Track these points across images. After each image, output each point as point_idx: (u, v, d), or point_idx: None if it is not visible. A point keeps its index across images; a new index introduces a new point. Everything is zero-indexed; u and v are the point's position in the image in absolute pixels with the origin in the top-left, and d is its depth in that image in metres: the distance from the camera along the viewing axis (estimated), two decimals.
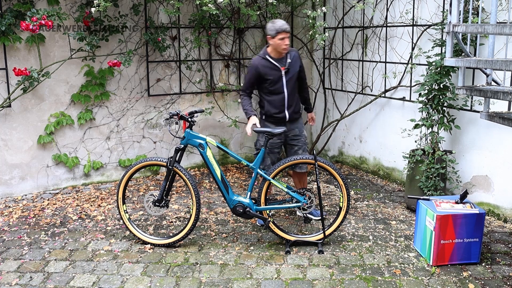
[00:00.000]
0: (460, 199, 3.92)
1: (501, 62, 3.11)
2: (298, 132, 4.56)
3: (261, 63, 4.35)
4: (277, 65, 4.34)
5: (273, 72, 4.34)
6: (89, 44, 5.26)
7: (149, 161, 4.14)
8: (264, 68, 4.34)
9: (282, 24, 4.21)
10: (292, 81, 4.42)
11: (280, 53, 4.34)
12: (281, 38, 4.20)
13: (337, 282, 3.58)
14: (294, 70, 4.41)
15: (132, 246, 4.21)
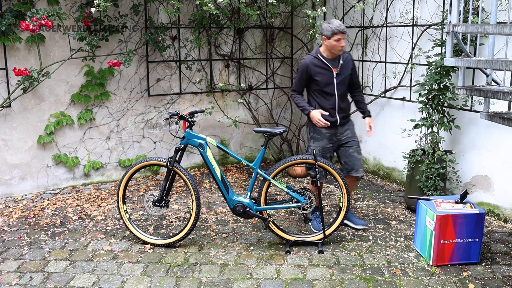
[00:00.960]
0: (460, 199, 3.92)
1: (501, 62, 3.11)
2: (351, 134, 4.37)
3: (313, 62, 4.20)
4: (328, 65, 4.19)
5: (324, 72, 4.19)
6: (89, 44, 5.26)
7: (149, 161, 4.14)
8: (314, 68, 4.19)
9: (338, 24, 4.05)
10: (343, 84, 4.27)
11: (333, 54, 4.20)
12: (337, 39, 4.06)
13: (337, 282, 3.58)
14: (346, 72, 4.27)
15: (132, 246, 4.21)
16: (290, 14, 6.72)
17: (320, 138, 4.31)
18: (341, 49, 4.14)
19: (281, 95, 6.95)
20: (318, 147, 4.29)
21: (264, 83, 6.80)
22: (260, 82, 6.78)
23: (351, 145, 4.35)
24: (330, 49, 4.15)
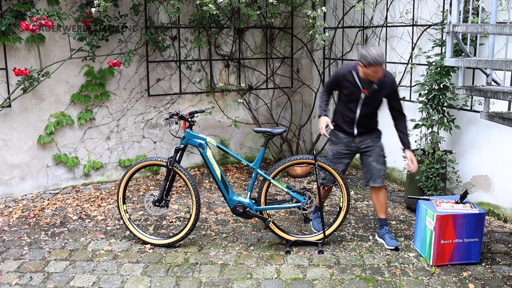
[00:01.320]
0: (460, 199, 3.92)
1: (501, 62, 3.11)
2: (371, 143, 4.14)
3: (345, 76, 4.00)
4: (359, 85, 3.96)
5: (353, 89, 3.98)
6: (89, 44, 5.26)
7: (149, 161, 4.14)
8: (344, 81, 4.01)
9: (375, 56, 3.71)
10: (371, 106, 4.04)
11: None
12: (374, 71, 3.79)
13: (337, 282, 3.58)
14: (378, 96, 4.00)
15: (132, 246, 4.21)
16: (290, 14, 6.72)
17: (337, 142, 4.21)
18: (377, 79, 3.87)
19: (281, 95, 6.95)
20: (333, 150, 4.20)
21: (264, 83, 6.80)
22: (260, 82, 6.78)
23: (370, 154, 4.15)
24: (364, 74, 3.91)
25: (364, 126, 4.11)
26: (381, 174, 4.16)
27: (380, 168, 4.15)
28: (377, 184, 4.15)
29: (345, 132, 4.15)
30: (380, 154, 4.16)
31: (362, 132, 4.12)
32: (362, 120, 4.07)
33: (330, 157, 4.20)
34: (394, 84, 4.03)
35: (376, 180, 4.15)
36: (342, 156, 4.20)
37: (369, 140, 4.14)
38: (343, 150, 4.18)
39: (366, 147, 4.16)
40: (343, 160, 4.20)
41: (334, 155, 4.19)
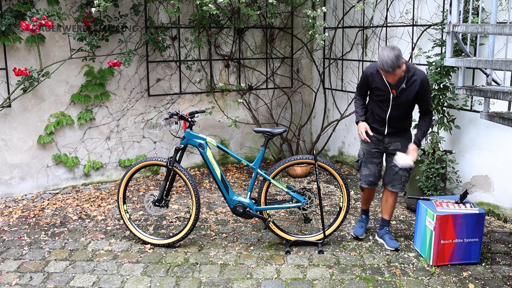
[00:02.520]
0: (460, 199, 3.92)
1: (501, 62, 3.11)
2: (400, 147, 4.00)
3: (373, 74, 3.91)
4: (387, 85, 3.85)
5: (382, 89, 3.89)
6: (89, 44, 5.26)
7: (149, 161, 4.14)
8: (373, 81, 3.92)
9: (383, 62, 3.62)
10: (401, 107, 3.90)
11: None
12: (385, 76, 3.76)
13: (337, 282, 3.58)
14: (407, 96, 3.84)
15: (132, 246, 4.21)
16: (290, 14, 6.71)
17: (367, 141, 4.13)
18: (394, 82, 3.77)
19: (281, 95, 6.95)
20: (363, 149, 4.13)
21: (264, 83, 6.80)
22: (260, 82, 6.78)
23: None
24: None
25: (396, 127, 4.00)
26: (402, 180, 4.08)
27: (403, 174, 4.06)
28: (395, 190, 4.10)
29: (375, 130, 4.05)
30: None
31: (392, 133, 4.01)
32: (394, 121, 3.97)
33: (362, 156, 4.15)
34: (425, 82, 3.82)
35: (396, 186, 4.09)
36: (372, 155, 4.11)
37: (398, 143, 4.02)
38: (372, 149, 4.09)
39: (394, 150, 4.03)
40: (373, 159, 4.11)
41: (365, 154, 4.13)
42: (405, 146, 4.00)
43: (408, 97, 3.85)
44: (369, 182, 4.14)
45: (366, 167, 4.13)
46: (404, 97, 3.85)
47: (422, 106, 3.96)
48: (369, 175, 4.13)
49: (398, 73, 3.68)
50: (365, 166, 4.14)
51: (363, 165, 4.14)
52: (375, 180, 4.17)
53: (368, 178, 4.14)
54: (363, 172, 4.15)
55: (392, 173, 4.07)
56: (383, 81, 3.85)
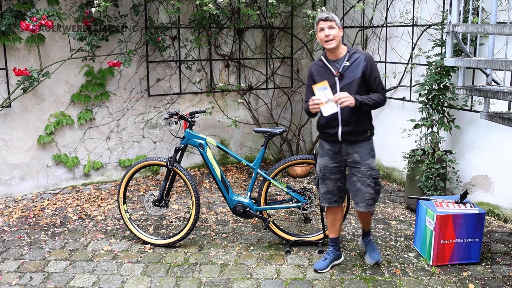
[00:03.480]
0: (460, 199, 3.92)
1: (501, 62, 3.11)
2: (359, 159, 3.53)
3: (315, 66, 3.59)
4: (329, 68, 3.49)
5: (326, 76, 3.48)
6: (89, 44, 5.26)
7: (149, 161, 4.14)
8: (317, 72, 3.56)
9: (320, 14, 3.49)
10: (351, 90, 3.42)
11: (334, 53, 3.49)
12: (320, 29, 3.41)
13: (337, 282, 3.58)
14: (353, 75, 3.45)
15: (132, 246, 4.21)
16: (290, 14, 6.71)
17: (322, 154, 3.66)
18: (328, 42, 3.39)
19: (281, 95, 6.95)
20: (319, 164, 3.67)
21: (264, 83, 6.80)
22: (260, 82, 6.78)
23: (355, 172, 3.56)
24: (324, 45, 3.47)
25: (351, 124, 3.49)
26: (366, 198, 3.55)
27: (367, 190, 3.54)
28: (360, 209, 3.62)
29: (329, 138, 3.56)
30: (367, 174, 3.53)
31: (348, 135, 3.50)
32: (347, 114, 3.47)
33: (318, 172, 3.67)
34: (369, 58, 3.48)
35: (359, 204, 3.60)
36: (330, 171, 3.62)
37: (356, 155, 3.54)
38: (330, 164, 3.61)
39: (352, 162, 3.57)
40: (331, 175, 3.62)
41: (321, 169, 3.64)
42: (364, 158, 3.54)
43: (355, 74, 3.44)
44: (329, 200, 3.68)
45: (323, 184, 3.66)
46: (350, 76, 3.45)
47: (373, 87, 3.50)
48: (327, 193, 3.67)
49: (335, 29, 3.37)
50: (322, 183, 3.66)
51: (321, 182, 3.67)
52: (336, 198, 3.69)
53: (327, 196, 3.68)
54: (320, 189, 3.69)
55: (354, 190, 3.59)
56: (324, 64, 3.51)
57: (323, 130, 3.60)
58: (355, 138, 3.53)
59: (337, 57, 3.50)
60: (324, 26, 3.39)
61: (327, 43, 3.41)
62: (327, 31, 3.38)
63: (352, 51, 3.50)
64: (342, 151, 3.56)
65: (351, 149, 3.54)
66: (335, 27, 3.40)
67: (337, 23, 3.41)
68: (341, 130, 3.49)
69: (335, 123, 3.50)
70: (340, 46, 3.49)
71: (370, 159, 3.58)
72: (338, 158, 3.59)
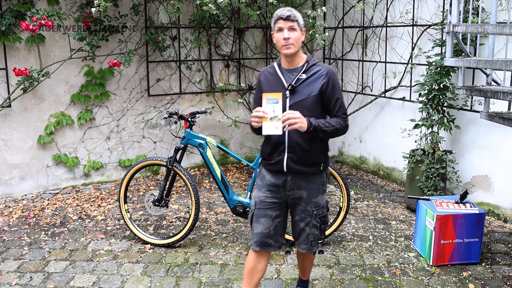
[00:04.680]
0: (460, 199, 3.92)
1: (501, 62, 3.11)
2: (305, 196, 2.88)
3: (264, 73, 2.94)
4: (280, 78, 2.84)
5: (275, 88, 2.83)
6: (89, 44, 5.26)
7: (150, 160, 4.15)
8: (266, 81, 2.90)
9: (279, 10, 2.81)
10: (302, 110, 2.75)
11: (291, 61, 2.84)
12: (278, 28, 2.79)
13: (337, 282, 3.58)
14: (307, 91, 2.79)
15: (132, 246, 4.21)
16: None
17: (260, 186, 2.93)
18: (287, 47, 2.77)
19: None
20: (255, 197, 2.92)
21: None
22: None
23: (299, 210, 2.91)
24: (280, 49, 2.82)
25: (301, 151, 2.81)
26: (310, 240, 2.94)
27: (310, 232, 2.93)
28: (302, 250, 2.99)
29: (272, 167, 2.87)
30: (313, 214, 2.91)
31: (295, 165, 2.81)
32: (295, 139, 2.79)
33: (253, 207, 2.92)
34: (333, 75, 2.84)
35: (301, 246, 2.98)
36: (267, 206, 2.89)
37: (303, 192, 2.87)
38: (268, 198, 2.88)
39: (297, 199, 2.90)
40: (268, 212, 2.88)
41: (257, 204, 2.90)
42: (313, 196, 2.90)
43: (310, 91, 2.79)
44: (261, 243, 2.87)
45: (257, 222, 2.89)
46: (304, 92, 2.78)
47: (333, 110, 2.84)
48: (261, 234, 2.87)
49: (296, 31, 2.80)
50: (256, 221, 2.90)
51: (255, 219, 2.91)
52: (271, 241, 2.90)
53: (260, 237, 2.87)
54: (254, 228, 2.91)
55: (297, 230, 2.97)
56: (275, 73, 2.87)
57: (266, 157, 2.90)
58: (304, 170, 2.84)
59: (293, 66, 2.86)
60: (284, 26, 2.77)
61: (285, 47, 2.78)
62: (286, 33, 2.76)
63: (312, 62, 2.87)
64: (287, 185, 2.85)
65: (297, 183, 2.85)
66: (297, 29, 2.80)
67: (300, 24, 2.83)
68: (286, 158, 2.81)
69: (280, 149, 2.82)
70: (299, 54, 2.85)
71: (320, 196, 2.93)
72: (280, 193, 2.88)
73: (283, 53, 2.81)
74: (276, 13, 2.81)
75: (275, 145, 2.83)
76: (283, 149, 2.82)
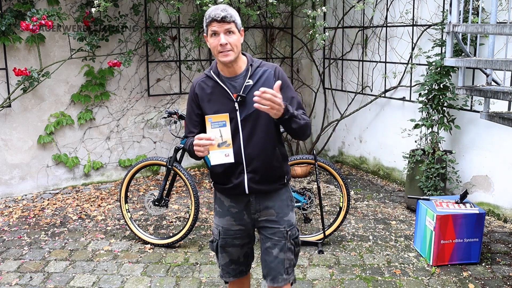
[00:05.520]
0: (460, 199, 3.92)
1: (501, 62, 3.11)
2: (275, 216, 2.49)
3: (200, 86, 2.45)
4: (224, 89, 2.39)
5: (220, 101, 2.40)
6: (89, 44, 5.26)
7: (150, 160, 4.15)
8: (203, 94, 2.43)
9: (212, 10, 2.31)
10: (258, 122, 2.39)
11: (231, 68, 2.38)
12: (213, 32, 2.31)
13: (337, 282, 3.58)
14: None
15: (132, 246, 4.21)
16: (290, 14, 6.71)
17: (221, 214, 2.56)
18: (225, 54, 2.30)
19: None
20: (218, 226, 2.56)
21: None
22: None
23: (270, 234, 2.49)
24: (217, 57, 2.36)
25: (261, 169, 2.42)
26: (286, 266, 2.49)
27: (285, 257, 2.49)
28: (279, 283, 2.50)
29: (231, 191, 2.48)
30: (287, 236, 2.49)
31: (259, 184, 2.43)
32: (253, 155, 2.41)
33: (216, 237, 2.58)
34: (279, 72, 2.45)
35: (278, 278, 2.49)
36: (233, 236, 2.54)
37: (272, 210, 2.49)
38: (233, 226, 2.53)
39: (266, 222, 2.50)
40: (235, 241, 2.55)
41: (221, 234, 2.55)
42: (284, 213, 2.50)
43: None
44: (234, 272, 2.63)
45: (225, 252, 2.58)
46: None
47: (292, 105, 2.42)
48: (231, 263, 2.61)
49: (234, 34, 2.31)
50: (223, 252, 2.58)
51: (221, 250, 2.58)
52: (243, 267, 2.65)
53: (230, 267, 2.61)
54: (221, 260, 2.61)
55: (269, 260, 2.50)
56: (217, 86, 2.41)
57: (220, 181, 2.51)
58: (269, 188, 2.47)
59: (234, 73, 2.41)
60: (219, 29, 2.28)
61: (222, 55, 2.30)
62: (223, 37, 2.28)
63: (256, 64, 2.44)
64: (251, 207, 2.48)
65: (263, 203, 2.47)
66: (235, 30, 2.32)
67: (238, 25, 2.34)
68: (247, 180, 2.42)
69: (238, 170, 2.43)
70: (239, 57, 2.40)
71: (290, 213, 2.52)
72: (245, 219, 2.51)
73: (220, 61, 2.33)
74: (207, 13, 2.32)
75: (230, 167, 2.42)
76: (241, 170, 2.42)
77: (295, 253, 2.54)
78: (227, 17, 2.27)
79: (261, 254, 2.55)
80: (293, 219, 2.55)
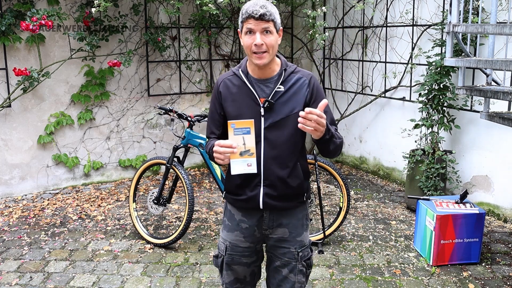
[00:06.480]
0: (460, 199, 3.92)
1: (501, 62, 3.11)
2: (288, 235, 2.29)
3: (226, 84, 2.26)
4: (251, 91, 2.19)
5: (244, 103, 2.20)
6: (89, 44, 5.26)
7: (157, 159, 4.24)
8: (228, 94, 2.24)
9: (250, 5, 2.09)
10: (284, 133, 2.18)
11: (263, 70, 2.18)
12: (248, 30, 2.10)
13: (337, 282, 3.58)
14: (288, 109, 2.17)
15: (132, 246, 4.21)
16: (290, 14, 6.71)
17: (231, 228, 2.35)
18: (259, 56, 2.10)
19: None
20: (226, 241, 2.35)
21: None
22: None
23: (280, 254, 2.32)
24: (250, 57, 2.16)
25: (279, 185, 2.22)
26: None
27: (296, 280, 2.32)
28: None
29: (244, 204, 2.28)
30: (298, 257, 2.30)
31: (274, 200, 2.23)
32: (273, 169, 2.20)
33: (223, 252, 2.36)
34: (316, 83, 2.24)
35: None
36: (241, 253, 2.33)
37: (284, 230, 2.29)
38: (242, 242, 2.32)
39: (278, 241, 2.31)
40: (243, 259, 2.34)
41: (227, 250, 2.35)
42: (297, 232, 2.30)
43: (292, 108, 2.17)
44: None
45: (230, 270, 2.38)
46: (283, 109, 2.16)
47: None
48: (236, 282, 2.40)
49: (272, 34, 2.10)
50: (228, 269, 2.38)
51: (226, 267, 2.38)
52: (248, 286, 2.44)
53: (234, 286, 2.41)
54: (225, 277, 2.40)
55: (278, 279, 2.35)
56: (244, 87, 2.21)
57: (234, 190, 2.30)
58: (285, 205, 2.26)
59: (265, 75, 2.20)
60: (256, 28, 2.08)
61: (256, 57, 2.11)
62: (259, 37, 2.08)
63: (290, 69, 2.23)
64: (264, 223, 2.28)
65: (277, 220, 2.28)
66: (273, 30, 2.11)
67: (277, 24, 2.14)
68: (263, 194, 2.22)
69: (254, 182, 2.22)
70: (273, 60, 2.19)
71: (304, 233, 2.34)
72: (255, 236, 2.31)
73: (254, 63, 2.14)
74: (244, 8, 2.10)
75: (247, 178, 2.20)
76: (257, 182, 2.21)
77: (306, 275, 2.35)
78: (266, 14, 2.05)
79: (269, 273, 2.40)
80: (307, 239, 2.35)
